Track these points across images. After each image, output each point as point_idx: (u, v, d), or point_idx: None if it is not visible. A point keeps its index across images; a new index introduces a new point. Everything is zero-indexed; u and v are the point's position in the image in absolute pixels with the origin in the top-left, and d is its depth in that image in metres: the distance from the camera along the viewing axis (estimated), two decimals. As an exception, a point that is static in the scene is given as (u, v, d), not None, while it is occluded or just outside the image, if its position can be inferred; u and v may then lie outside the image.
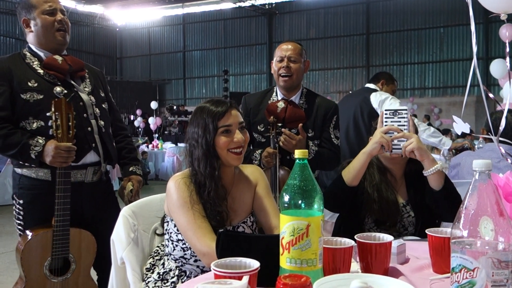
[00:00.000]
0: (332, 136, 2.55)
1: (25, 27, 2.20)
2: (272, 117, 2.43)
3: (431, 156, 1.74)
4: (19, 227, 2.18)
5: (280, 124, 2.43)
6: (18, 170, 2.16)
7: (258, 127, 2.56)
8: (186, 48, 23.76)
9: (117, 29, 25.01)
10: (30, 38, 2.21)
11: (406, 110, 1.76)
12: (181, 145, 12.04)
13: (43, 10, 2.15)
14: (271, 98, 2.60)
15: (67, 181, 2.04)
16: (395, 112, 1.74)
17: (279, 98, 2.56)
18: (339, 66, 20.51)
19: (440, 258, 1.30)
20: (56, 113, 1.99)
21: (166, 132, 17.23)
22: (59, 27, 2.16)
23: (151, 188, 9.83)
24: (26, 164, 2.10)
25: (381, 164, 1.95)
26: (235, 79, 22.35)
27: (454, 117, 1.97)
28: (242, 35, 22.37)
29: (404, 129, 1.73)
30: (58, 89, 2.11)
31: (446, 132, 9.95)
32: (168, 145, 12.46)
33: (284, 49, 2.51)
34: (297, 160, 1.12)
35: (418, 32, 19.04)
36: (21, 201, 2.15)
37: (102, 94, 2.36)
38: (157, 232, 1.82)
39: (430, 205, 1.85)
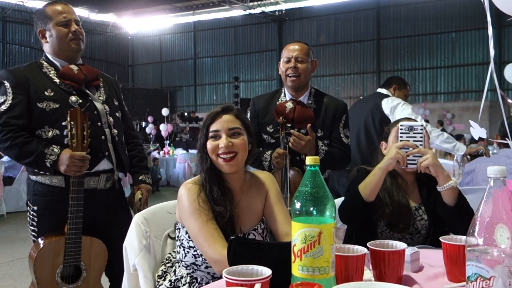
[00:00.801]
0: (342, 135, 2.54)
1: (41, 38, 2.24)
2: (281, 117, 2.43)
3: (446, 172, 1.75)
4: (33, 233, 2.20)
5: (289, 125, 2.42)
6: (33, 177, 2.19)
7: (267, 128, 2.55)
8: (197, 55, 23.88)
9: (129, 37, 25.23)
10: (46, 48, 2.25)
11: (421, 126, 1.77)
12: (192, 151, 12.07)
13: (57, 22, 2.18)
14: (280, 99, 2.60)
15: (81, 190, 2.07)
16: (410, 127, 1.75)
17: (288, 99, 2.55)
18: (349, 72, 20.45)
19: (455, 266, 1.28)
20: (72, 123, 2.02)
21: (177, 139, 17.30)
22: (73, 37, 2.20)
23: (163, 194, 9.86)
24: (41, 172, 2.12)
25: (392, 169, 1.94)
26: (246, 86, 22.39)
27: (471, 122, 1.96)
28: (253, 42, 22.42)
29: (420, 144, 1.74)
30: (73, 98, 2.15)
31: (459, 137, 9.84)
32: (179, 151, 12.50)
33: (291, 50, 2.51)
34: (309, 167, 1.12)
35: (430, 37, 18.92)
36: (35, 208, 2.17)
37: (116, 103, 2.38)
38: (170, 235, 1.81)
39: (441, 216, 1.84)
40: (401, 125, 1.77)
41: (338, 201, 2.00)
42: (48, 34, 2.21)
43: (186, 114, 20.02)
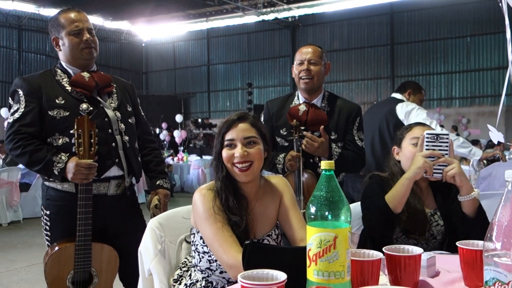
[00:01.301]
0: (356, 138, 2.53)
1: (55, 45, 2.27)
2: (295, 120, 2.43)
3: (470, 183, 1.74)
4: (47, 237, 2.23)
5: (302, 128, 2.42)
6: (46, 183, 2.22)
7: (281, 131, 2.55)
8: (210, 61, 24.01)
9: (143, 44, 25.47)
10: (61, 55, 2.27)
11: (447, 135, 1.74)
12: (206, 157, 12.11)
13: (69, 31, 2.19)
14: (293, 102, 2.60)
15: (89, 197, 2.09)
16: (436, 136, 1.73)
17: (301, 102, 2.55)
18: (363, 77, 20.37)
19: (472, 271, 1.27)
20: (79, 131, 2.04)
21: (191, 145, 17.39)
22: (85, 46, 2.20)
23: (177, 200, 9.90)
24: (50, 179, 2.15)
25: (404, 172, 1.91)
26: (259, 92, 22.43)
27: (489, 126, 1.94)
28: (266, 48, 22.47)
29: (445, 153, 1.72)
30: (84, 106, 2.16)
31: (475, 143, 9.74)
32: (193, 157, 12.56)
33: (304, 52, 2.51)
34: (324, 171, 1.12)
35: (444, 42, 18.78)
36: (48, 212, 2.20)
37: (129, 109, 2.37)
38: (186, 239, 1.82)
39: (456, 224, 1.81)
40: (427, 134, 1.74)
41: (353, 206, 1.99)
42: (61, 43, 2.23)
43: (199, 120, 20.09)
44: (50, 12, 18.33)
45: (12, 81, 2.23)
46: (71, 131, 2.07)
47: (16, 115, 2.11)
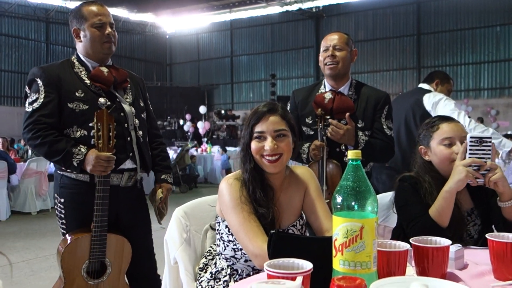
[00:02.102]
0: (384, 126, 2.47)
1: (75, 36, 2.28)
2: (320, 109, 2.40)
3: (511, 188, 1.65)
4: (62, 226, 2.27)
5: (328, 117, 2.38)
6: (59, 171, 2.25)
7: (306, 120, 2.53)
8: (233, 53, 24.01)
9: (167, 36, 25.65)
10: (79, 47, 2.28)
11: (491, 138, 1.66)
12: (229, 148, 12.17)
13: (92, 23, 2.20)
14: (319, 90, 2.56)
15: (106, 189, 2.12)
16: (480, 140, 1.63)
17: (327, 90, 2.52)
18: (388, 68, 20.09)
19: (502, 264, 1.24)
20: (98, 124, 2.07)
21: (214, 136, 17.50)
22: (106, 40, 2.22)
23: (200, 191, 9.99)
24: (68, 170, 2.18)
25: (439, 175, 1.81)
26: (282, 83, 22.36)
27: None
28: (289, 39, 22.35)
29: (488, 158, 1.63)
30: (102, 100, 2.18)
31: (507, 137, 9.50)
32: (217, 149, 12.62)
33: (330, 39, 2.48)
34: (350, 161, 1.10)
35: (473, 32, 18.34)
36: (62, 200, 2.23)
37: (142, 104, 2.40)
38: (212, 226, 1.83)
39: (496, 226, 1.74)
40: (470, 138, 1.64)
41: (379, 197, 1.95)
42: (82, 34, 2.23)
43: (223, 112, 20.17)
44: (77, 4, 18.60)
45: None
46: (90, 124, 2.10)
47: (36, 105, 2.12)
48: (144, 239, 2.38)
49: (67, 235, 2.21)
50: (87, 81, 2.21)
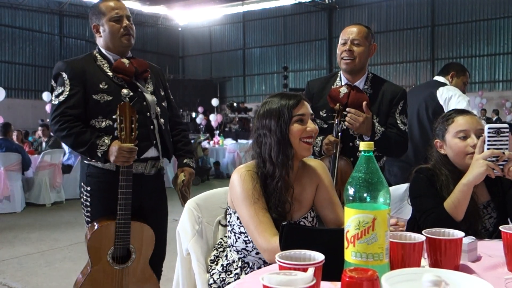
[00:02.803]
0: (398, 121, 2.43)
1: (95, 32, 2.36)
2: (338, 104, 2.37)
3: None
4: (87, 214, 2.34)
5: (345, 113, 2.35)
6: (86, 161, 2.33)
7: (321, 113, 2.49)
8: (246, 45, 23.97)
9: (179, 29, 25.68)
10: (100, 41, 2.36)
11: (507, 127, 1.64)
12: (241, 141, 12.17)
13: (110, 17, 2.28)
14: (335, 83, 2.53)
15: (129, 179, 2.19)
16: (498, 130, 1.61)
17: (343, 83, 2.48)
18: (402, 60, 19.90)
19: (516, 257, 1.23)
20: (121, 116, 2.14)
21: (226, 129, 17.51)
22: (124, 33, 2.30)
23: (212, 183, 10.02)
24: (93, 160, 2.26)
25: (455, 168, 1.78)
26: (295, 75, 22.28)
27: None
28: (302, 31, 22.23)
29: (506, 148, 1.60)
30: (125, 91, 2.27)
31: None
32: (229, 141, 12.64)
33: (348, 32, 2.43)
34: (363, 153, 1.10)
35: (488, 23, 18.07)
36: (88, 188, 2.31)
37: (162, 93, 2.48)
38: (221, 223, 1.84)
39: (510, 216, 1.73)
40: (488, 128, 1.62)
41: (391, 190, 1.93)
42: (101, 29, 2.31)
43: (235, 104, 20.17)
44: (89, -2, 18.68)
45: (54, 66, 2.33)
46: (114, 116, 2.17)
47: (62, 98, 2.21)
48: (159, 227, 2.45)
49: (94, 222, 2.30)
50: (110, 73, 2.29)
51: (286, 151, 1.59)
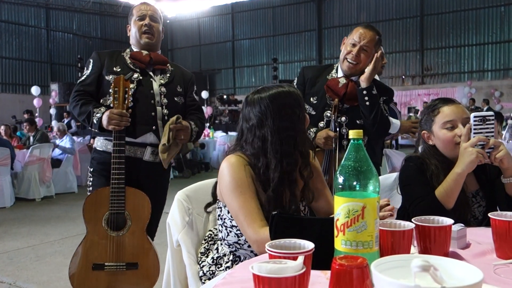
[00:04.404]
0: (382, 109, 2.49)
1: (128, 31, 2.63)
2: (335, 99, 2.40)
3: None
4: (89, 193, 2.45)
5: (341, 106, 2.39)
6: (94, 146, 2.56)
7: (311, 99, 2.51)
8: (235, 37, 23.87)
9: (168, 21, 25.48)
10: (130, 40, 2.62)
11: (493, 115, 1.65)
12: (232, 133, 12.15)
13: (136, 16, 2.56)
14: (330, 74, 2.56)
15: (122, 143, 2.34)
16: (483, 118, 1.62)
17: (339, 76, 2.51)
18: (391, 51, 19.94)
19: (505, 243, 1.24)
20: (115, 88, 2.33)
21: (216, 121, 17.45)
22: (144, 30, 2.52)
23: (203, 176, 10.01)
24: (92, 129, 2.45)
25: (444, 158, 1.79)
26: (284, 67, 22.26)
27: None
28: (291, 22, 22.18)
29: (492, 135, 1.62)
30: (135, 75, 2.47)
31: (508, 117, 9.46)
32: (219, 134, 12.62)
33: (362, 35, 2.40)
34: (352, 141, 1.10)
35: (477, 12, 18.16)
36: (91, 169, 2.53)
37: (179, 89, 2.61)
38: (208, 210, 1.80)
39: (500, 205, 1.73)
40: (474, 117, 1.63)
41: (381, 178, 1.94)
42: (129, 28, 2.61)
43: (225, 97, 20.11)
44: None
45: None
46: (110, 90, 2.35)
47: (82, 78, 2.52)
48: (162, 205, 2.59)
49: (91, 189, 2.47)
50: (128, 60, 2.53)
51: (307, 138, 1.63)
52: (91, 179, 2.51)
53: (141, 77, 2.48)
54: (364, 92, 2.35)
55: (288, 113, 1.56)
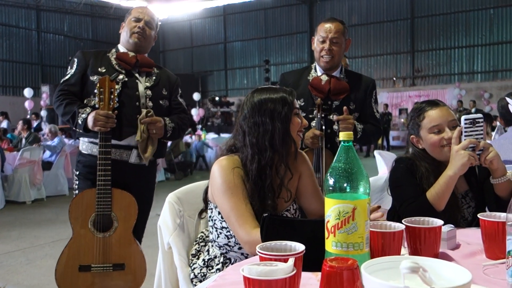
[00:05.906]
0: (374, 110, 2.61)
1: (121, 29, 2.60)
2: (319, 99, 2.46)
3: (504, 164, 1.66)
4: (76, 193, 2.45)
5: (324, 106, 2.44)
6: (79, 149, 2.53)
7: (298, 102, 2.53)
8: (227, 39, 23.85)
9: (159, 23, 25.39)
10: (121, 38, 2.59)
11: (482, 117, 1.66)
12: (224, 135, 12.15)
13: (133, 17, 2.55)
14: (310, 74, 2.62)
15: (108, 145, 2.32)
16: (473, 120, 1.63)
17: (319, 74, 2.58)
18: (382, 53, 20.04)
19: (494, 244, 1.25)
20: (101, 89, 2.31)
21: (209, 123, 17.45)
22: (136, 31, 2.51)
23: (194, 177, 9.99)
24: (76, 130, 2.42)
25: (434, 160, 1.80)
26: (276, 69, 22.25)
27: (508, 99, 1.88)
28: (283, 24, 22.20)
29: (481, 137, 1.64)
30: (120, 76, 2.44)
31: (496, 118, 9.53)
32: (211, 135, 12.62)
33: (327, 29, 2.49)
34: (342, 143, 1.10)
35: (466, 14, 18.30)
36: (77, 173, 2.51)
37: (164, 92, 2.58)
38: (201, 216, 1.81)
39: (489, 206, 1.75)
40: (465, 119, 1.64)
41: (372, 180, 1.95)
42: (123, 26, 2.58)
43: (217, 98, 20.09)
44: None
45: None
46: (95, 91, 2.33)
47: (66, 77, 2.49)
48: (148, 209, 2.59)
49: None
50: (114, 62, 2.50)
51: (289, 139, 1.60)
52: (77, 182, 2.50)
53: (126, 79, 2.46)
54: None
55: (269, 108, 1.57)
